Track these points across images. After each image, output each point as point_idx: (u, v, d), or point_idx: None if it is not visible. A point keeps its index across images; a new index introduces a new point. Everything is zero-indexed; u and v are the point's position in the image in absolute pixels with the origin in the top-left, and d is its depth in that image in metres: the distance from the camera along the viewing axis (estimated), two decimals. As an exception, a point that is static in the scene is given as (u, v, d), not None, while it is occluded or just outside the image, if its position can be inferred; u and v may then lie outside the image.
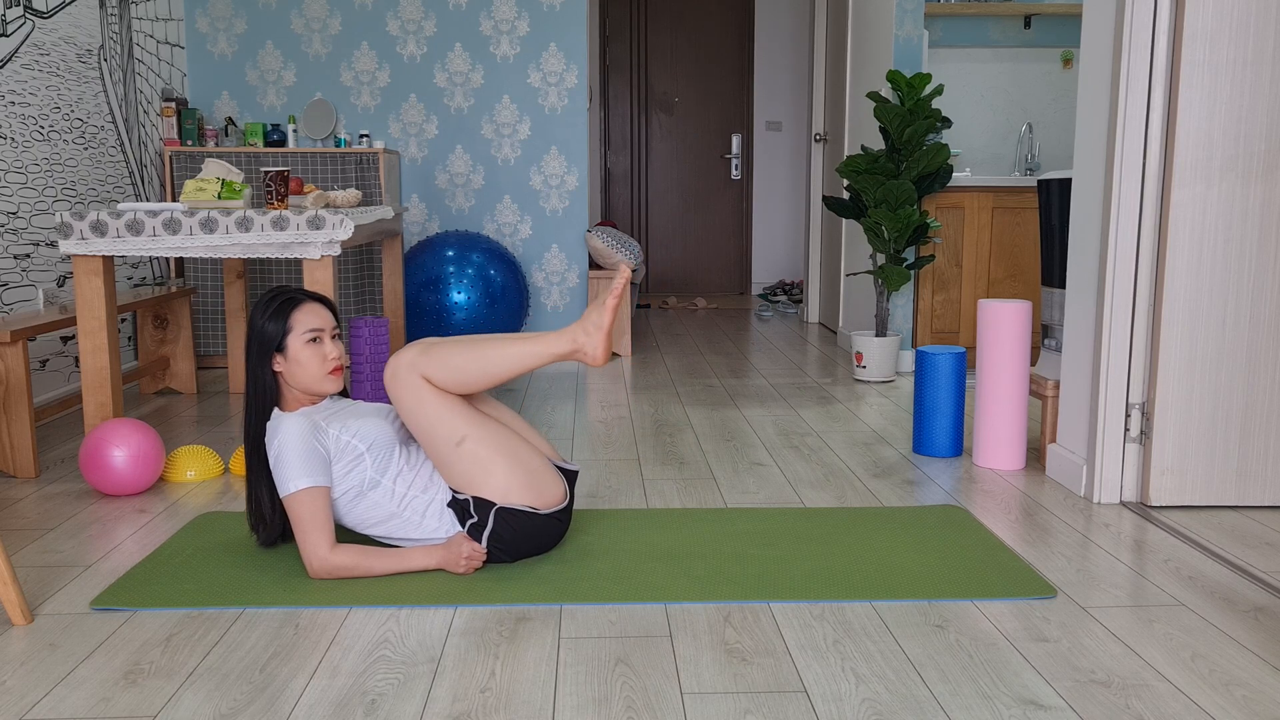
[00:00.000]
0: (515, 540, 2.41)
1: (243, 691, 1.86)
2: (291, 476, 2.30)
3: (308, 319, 2.45)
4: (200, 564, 2.47)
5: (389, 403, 3.99)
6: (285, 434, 2.33)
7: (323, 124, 5.46)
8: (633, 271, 2.30)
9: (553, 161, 5.66)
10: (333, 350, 2.47)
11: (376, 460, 2.39)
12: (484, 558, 2.39)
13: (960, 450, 3.50)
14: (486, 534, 2.39)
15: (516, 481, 2.39)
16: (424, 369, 2.37)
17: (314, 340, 2.44)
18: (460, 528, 2.41)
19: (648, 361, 5.45)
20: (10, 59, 3.86)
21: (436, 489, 2.42)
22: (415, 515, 2.40)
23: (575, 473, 2.62)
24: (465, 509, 2.40)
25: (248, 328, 2.46)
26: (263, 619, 2.18)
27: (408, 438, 2.52)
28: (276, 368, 2.43)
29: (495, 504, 2.38)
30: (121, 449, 2.99)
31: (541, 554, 2.50)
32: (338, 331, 2.53)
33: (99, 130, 4.51)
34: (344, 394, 2.66)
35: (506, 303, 5.03)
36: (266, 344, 2.42)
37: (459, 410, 2.38)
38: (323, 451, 2.34)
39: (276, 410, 2.43)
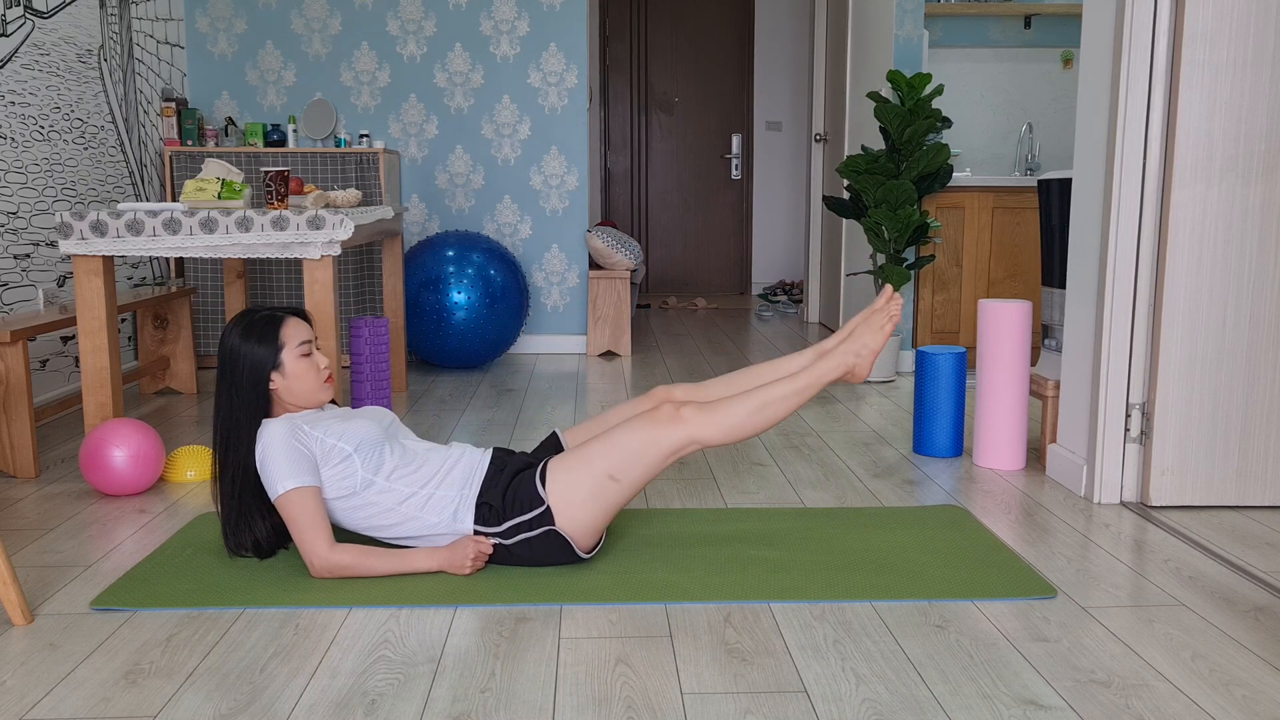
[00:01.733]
0: (542, 555, 2.40)
1: (243, 692, 1.86)
2: (280, 479, 2.29)
3: (297, 333, 2.45)
4: (200, 564, 2.47)
5: (388, 402, 3.99)
6: (267, 440, 2.32)
7: (323, 124, 5.46)
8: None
9: (553, 161, 5.66)
10: (322, 360, 2.49)
11: (366, 460, 2.38)
12: (488, 556, 2.39)
13: (960, 450, 3.50)
14: (525, 536, 2.37)
15: (589, 527, 2.39)
16: (704, 436, 2.36)
17: (307, 354, 2.45)
18: (472, 525, 2.38)
19: (648, 361, 5.45)
20: (10, 59, 3.86)
21: (440, 484, 2.41)
22: (416, 511, 2.39)
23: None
24: (525, 504, 2.35)
25: (228, 354, 2.41)
26: (263, 619, 2.17)
27: (397, 435, 2.51)
28: (273, 386, 2.43)
29: (554, 525, 2.36)
30: (121, 449, 2.99)
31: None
32: (319, 341, 2.53)
33: (99, 130, 4.51)
34: (333, 402, 2.66)
35: (506, 303, 5.03)
36: (261, 365, 2.40)
37: (651, 473, 2.37)
38: (307, 452, 2.34)
39: (264, 419, 2.43)
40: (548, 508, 2.35)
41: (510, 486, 2.39)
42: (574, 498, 2.35)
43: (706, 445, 2.39)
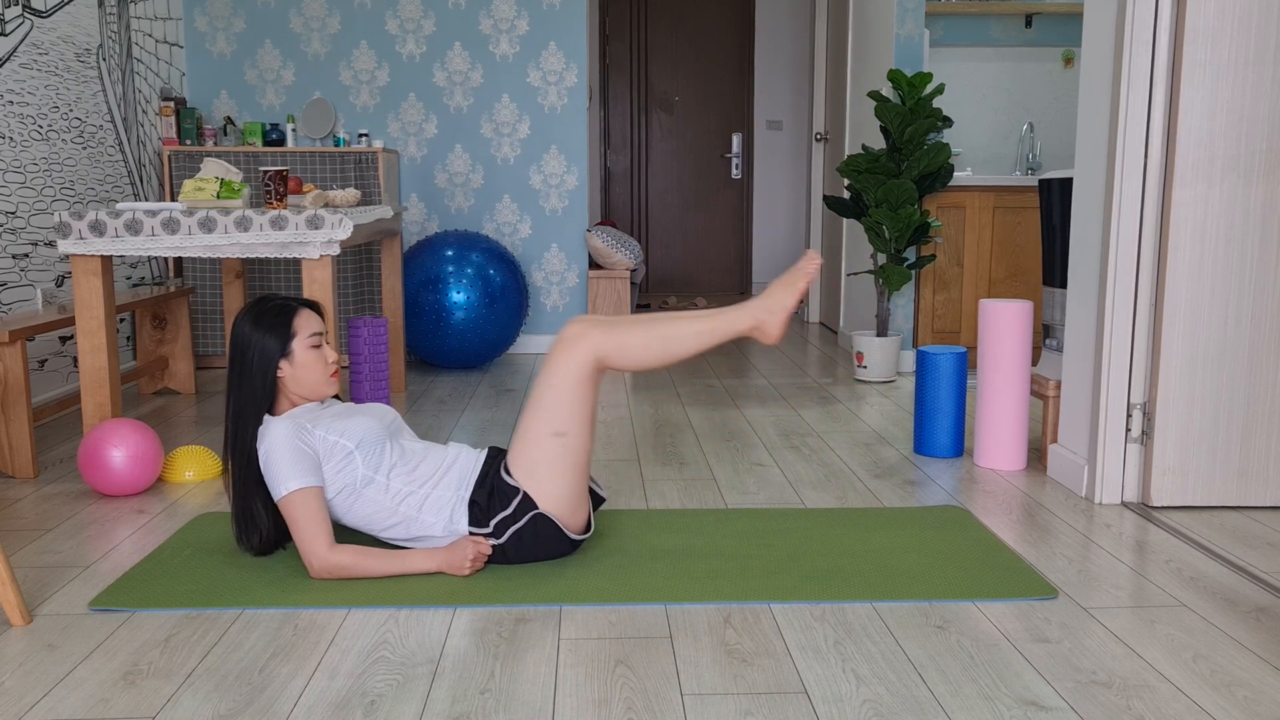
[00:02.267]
0: (534, 545, 2.40)
1: (241, 692, 1.86)
2: (284, 479, 2.29)
3: (309, 324, 2.47)
4: (199, 564, 2.46)
5: (387, 402, 3.99)
6: (272, 438, 2.32)
7: (322, 123, 5.45)
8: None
9: (552, 161, 5.65)
10: (330, 354, 2.49)
11: (368, 457, 2.38)
12: (488, 557, 2.39)
13: (961, 450, 3.49)
14: (514, 529, 2.38)
15: (566, 497, 2.39)
16: (604, 349, 2.36)
17: (316, 345, 2.46)
18: (467, 526, 2.39)
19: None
20: (9, 58, 3.85)
21: (437, 483, 2.41)
22: (413, 511, 2.39)
23: (602, 499, 2.62)
24: (504, 498, 2.37)
25: (238, 339, 2.42)
26: (262, 620, 2.17)
27: (398, 433, 2.52)
28: (281, 375, 2.43)
29: (536, 507, 2.37)
30: (120, 449, 2.99)
31: (545, 562, 2.49)
32: (328, 335, 2.54)
33: (97, 130, 4.50)
34: (337, 397, 2.66)
35: (506, 302, 5.02)
36: (270, 353, 2.41)
37: (584, 409, 2.37)
38: (311, 452, 2.34)
39: (267, 416, 2.43)
40: (524, 493, 2.37)
41: (488, 484, 2.40)
42: (539, 472, 2.37)
43: (610, 363, 2.37)
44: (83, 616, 2.19)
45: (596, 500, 2.61)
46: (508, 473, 2.40)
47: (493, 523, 2.38)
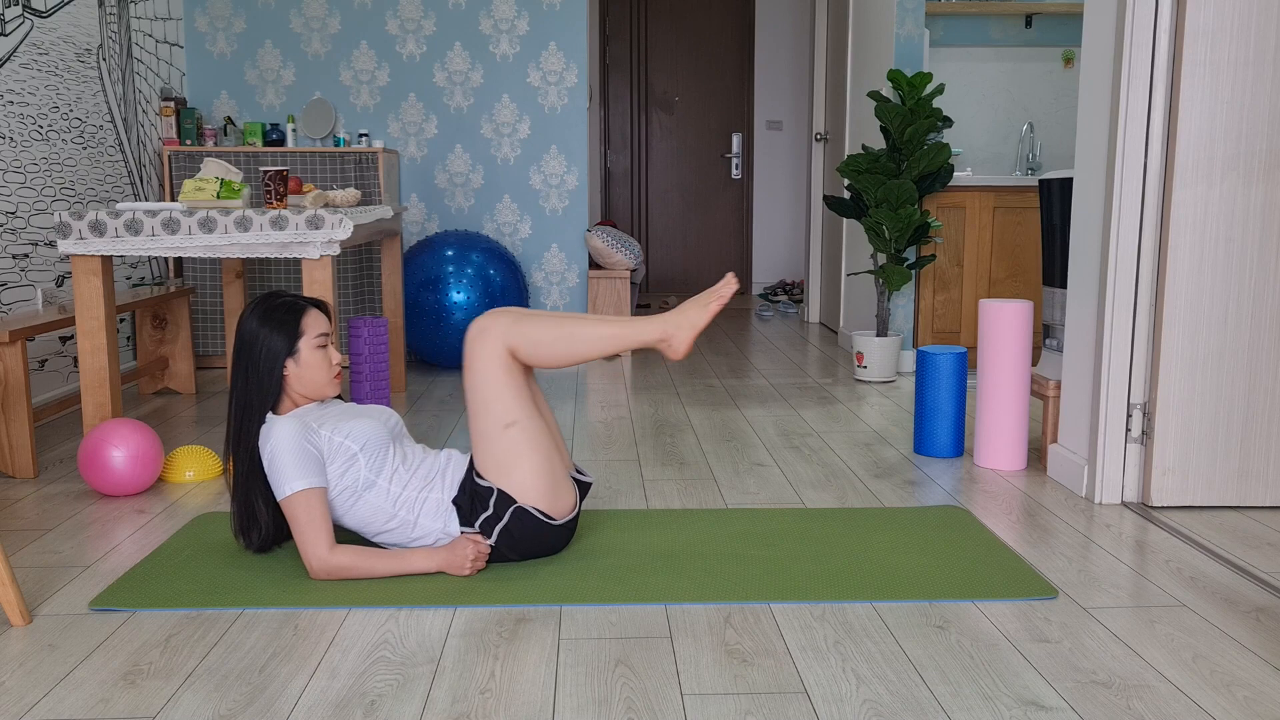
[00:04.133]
0: (524, 540, 2.41)
1: (242, 692, 1.86)
2: (287, 479, 2.29)
3: (316, 324, 2.47)
4: (199, 564, 2.46)
5: (388, 403, 3.99)
6: (278, 438, 2.32)
7: (322, 123, 5.45)
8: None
9: (552, 161, 5.65)
10: (335, 355, 2.50)
11: (371, 460, 2.38)
12: (488, 556, 2.39)
13: (961, 450, 3.49)
14: (499, 528, 2.39)
15: (540, 482, 2.39)
16: (512, 340, 2.38)
17: (322, 345, 2.46)
18: (459, 527, 2.40)
19: (648, 361, 5.45)
20: (9, 58, 3.85)
21: (433, 488, 2.41)
22: (410, 515, 2.40)
23: (589, 485, 2.62)
24: (482, 500, 2.39)
25: (246, 335, 2.42)
26: (262, 620, 2.17)
27: (400, 437, 2.52)
28: (286, 373, 2.43)
29: (515, 502, 2.38)
30: (120, 449, 2.99)
31: (544, 556, 2.50)
32: (334, 336, 2.55)
33: (98, 130, 4.50)
34: (339, 398, 2.66)
35: (506, 302, 5.02)
36: (277, 350, 2.41)
37: (521, 393, 2.39)
38: (315, 452, 2.34)
39: (270, 414, 2.43)
40: (498, 491, 2.38)
41: (467, 489, 2.41)
42: (505, 466, 2.38)
43: (519, 355, 2.39)
44: (83, 616, 2.19)
45: (583, 486, 2.60)
46: (479, 476, 2.42)
47: (477, 524, 2.39)
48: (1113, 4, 2.91)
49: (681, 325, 2.46)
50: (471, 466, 2.44)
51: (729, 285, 2.46)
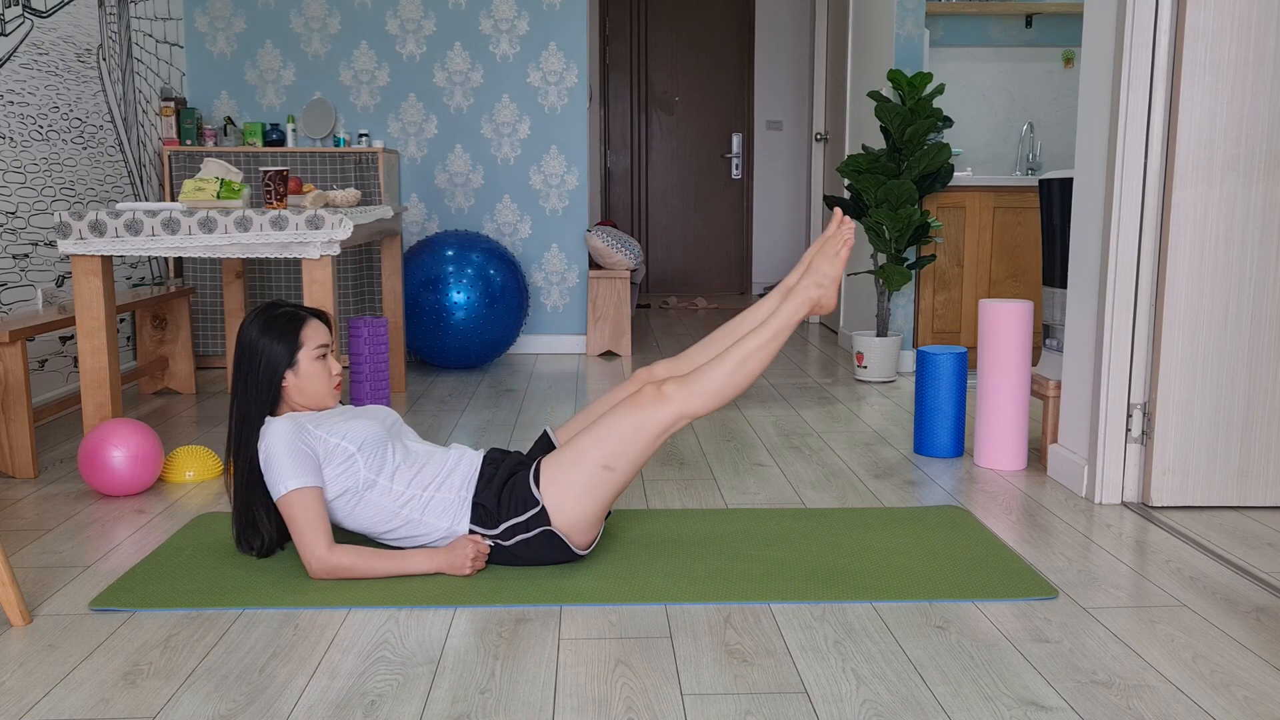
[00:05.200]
0: (538, 555, 2.40)
1: (242, 692, 1.86)
2: (282, 478, 2.29)
3: (316, 335, 2.47)
4: (199, 564, 2.46)
5: (387, 403, 3.99)
6: (272, 438, 2.32)
7: (322, 123, 5.45)
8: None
9: (552, 161, 5.65)
10: (335, 366, 2.50)
11: (369, 460, 2.38)
12: (487, 555, 2.38)
13: (961, 450, 3.49)
14: (522, 537, 2.36)
15: (585, 521, 2.37)
16: (689, 410, 2.35)
17: (322, 356, 2.46)
18: (469, 526, 2.38)
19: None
20: (9, 58, 3.85)
21: (440, 485, 2.40)
22: (416, 514, 2.39)
23: (609, 513, 2.61)
24: (520, 505, 2.35)
25: (246, 344, 2.42)
26: (262, 620, 2.17)
27: (400, 434, 2.51)
28: (285, 384, 2.43)
29: (549, 525, 2.35)
30: (120, 449, 2.99)
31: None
32: (332, 344, 2.55)
33: (98, 130, 4.50)
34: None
35: (506, 302, 5.02)
36: (276, 361, 2.41)
37: (645, 456, 2.37)
38: (310, 452, 2.33)
39: (267, 417, 2.43)
40: (543, 508, 2.35)
41: (505, 487, 2.38)
42: (569, 493, 2.34)
43: (696, 416, 2.38)
44: (83, 616, 2.19)
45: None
46: (535, 481, 2.37)
47: (502, 526, 2.37)
48: (1113, 4, 2.91)
49: (823, 284, 2.46)
50: (533, 468, 2.39)
51: (847, 226, 2.47)
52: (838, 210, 2.52)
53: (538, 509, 2.35)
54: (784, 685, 1.88)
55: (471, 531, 2.39)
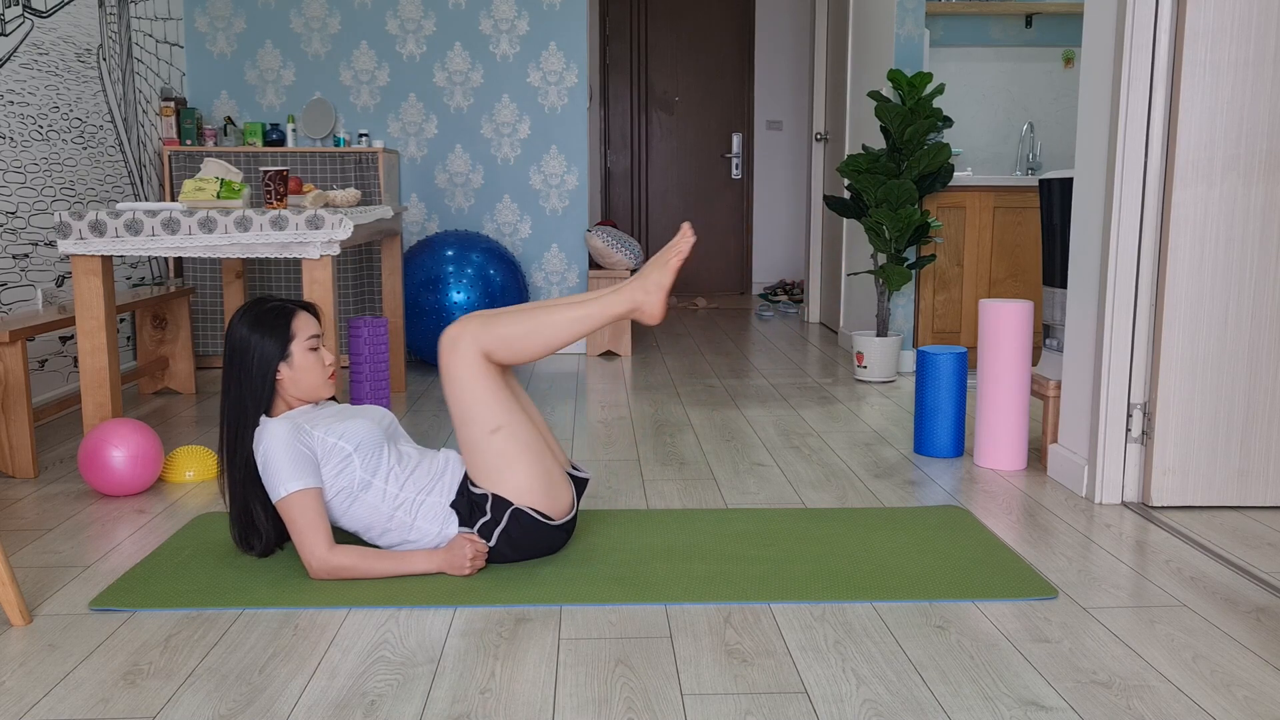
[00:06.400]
0: (524, 541, 2.40)
1: (242, 692, 1.86)
2: (282, 480, 2.29)
3: (307, 326, 2.46)
4: (199, 564, 2.46)
5: (386, 404, 3.98)
6: (270, 440, 2.32)
7: (322, 123, 5.45)
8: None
9: (552, 161, 5.65)
10: (328, 356, 2.49)
11: (365, 460, 2.38)
12: (486, 556, 2.39)
13: (961, 450, 3.49)
14: (499, 531, 2.38)
15: (536, 484, 2.39)
16: (486, 344, 2.37)
17: (314, 347, 2.46)
18: (458, 529, 2.40)
19: (648, 361, 5.45)
20: (9, 58, 3.86)
21: (430, 490, 2.41)
22: (408, 517, 2.39)
23: (586, 480, 2.62)
24: (479, 506, 2.39)
25: (236, 341, 2.41)
26: (262, 620, 2.17)
27: (395, 437, 2.52)
28: (279, 377, 2.43)
29: (511, 504, 2.38)
30: (120, 449, 2.99)
31: (544, 556, 2.50)
32: (326, 336, 2.55)
33: (98, 130, 4.50)
34: (333, 399, 2.66)
35: (506, 302, 5.02)
36: (270, 355, 2.41)
37: (501, 397, 2.39)
38: (309, 453, 2.33)
39: (263, 417, 2.42)
40: (493, 496, 2.38)
41: (465, 495, 2.42)
42: (497, 472, 2.38)
43: (494, 356, 2.38)
44: (83, 616, 2.19)
45: (580, 482, 2.60)
46: (473, 484, 2.42)
47: (476, 528, 2.39)
48: (1113, 4, 2.91)
49: (648, 289, 2.45)
50: (464, 474, 2.45)
51: (686, 239, 2.45)
52: (686, 224, 2.51)
53: (490, 500, 2.39)
54: (784, 685, 1.88)
55: (463, 532, 2.40)
